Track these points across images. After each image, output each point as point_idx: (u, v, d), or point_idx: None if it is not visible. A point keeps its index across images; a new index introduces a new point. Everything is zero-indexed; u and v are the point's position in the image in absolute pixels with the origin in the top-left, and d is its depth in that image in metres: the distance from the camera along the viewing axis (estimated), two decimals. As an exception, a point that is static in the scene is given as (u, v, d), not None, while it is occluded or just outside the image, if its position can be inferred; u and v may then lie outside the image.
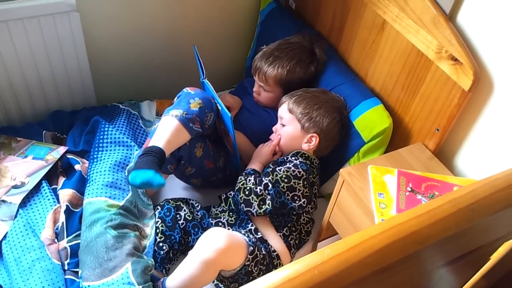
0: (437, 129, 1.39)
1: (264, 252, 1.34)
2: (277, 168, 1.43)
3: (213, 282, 1.38)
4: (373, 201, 1.26)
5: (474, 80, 1.23)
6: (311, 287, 0.55)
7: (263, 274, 1.29)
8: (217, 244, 1.19)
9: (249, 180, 1.41)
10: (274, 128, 1.60)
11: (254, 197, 1.39)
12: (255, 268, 1.29)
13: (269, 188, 1.38)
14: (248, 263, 1.26)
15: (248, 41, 2.13)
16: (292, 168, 1.42)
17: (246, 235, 1.37)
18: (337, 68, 1.69)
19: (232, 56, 2.18)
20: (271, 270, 1.36)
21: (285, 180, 1.40)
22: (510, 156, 1.26)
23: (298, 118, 1.52)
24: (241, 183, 1.43)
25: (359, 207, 1.33)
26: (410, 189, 1.29)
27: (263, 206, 1.38)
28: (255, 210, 1.39)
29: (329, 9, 1.75)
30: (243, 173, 1.48)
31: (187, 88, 1.50)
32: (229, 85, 2.11)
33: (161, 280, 1.28)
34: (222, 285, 1.35)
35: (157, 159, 1.32)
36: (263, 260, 1.32)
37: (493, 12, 1.21)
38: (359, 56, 1.66)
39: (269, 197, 1.38)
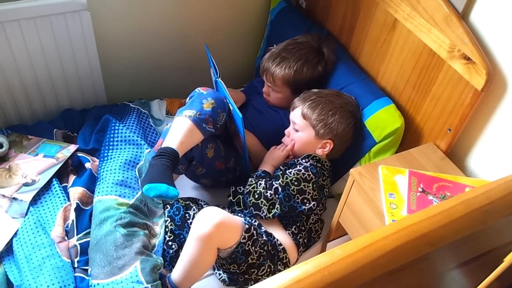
0: (449, 129, 1.37)
1: (265, 238, 1.34)
2: (287, 171, 1.43)
3: (215, 273, 1.39)
4: (383, 201, 1.25)
5: (487, 79, 1.21)
6: (321, 288, 0.55)
7: (263, 259, 1.31)
8: (211, 219, 1.21)
9: (260, 184, 1.41)
10: (286, 132, 1.59)
11: (264, 201, 1.39)
12: (253, 248, 1.28)
13: (279, 192, 1.38)
14: (244, 241, 1.26)
15: (258, 40, 2.12)
16: (302, 171, 1.42)
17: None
18: (348, 67, 1.68)
19: (242, 56, 2.17)
20: (276, 263, 1.37)
21: (295, 183, 1.39)
22: (524, 157, 1.25)
23: (313, 125, 1.50)
24: (252, 186, 1.42)
25: (369, 207, 1.31)
26: (421, 190, 1.27)
27: (272, 210, 1.38)
28: (264, 214, 1.39)
29: (340, 8, 1.74)
30: (254, 175, 1.47)
31: (199, 88, 1.50)
32: (239, 85, 2.10)
33: (167, 276, 1.29)
34: (222, 271, 1.36)
35: (170, 162, 1.33)
36: (263, 245, 1.32)
37: (507, 11, 1.19)
38: (370, 55, 1.64)
39: (278, 201, 1.38)
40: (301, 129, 1.53)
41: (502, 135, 1.29)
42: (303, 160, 1.48)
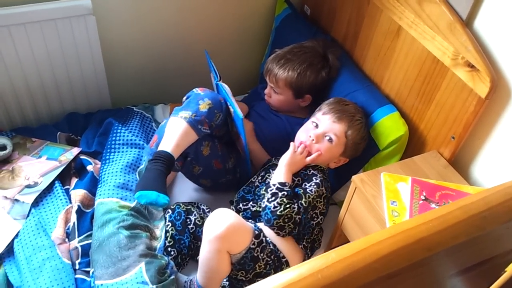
0: (453, 137, 1.36)
1: (272, 248, 1.33)
2: (307, 189, 1.37)
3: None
4: (385, 209, 1.24)
5: (491, 87, 1.21)
6: (314, 291, 0.54)
7: (269, 267, 1.29)
8: (223, 220, 1.20)
9: (293, 208, 1.31)
10: (314, 135, 1.44)
11: (292, 225, 1.32)
12: (261, 255, 1.28)
13: (301, 212, 1.33)
14: (254, 247, 1.26)
15: (263, 46, 2.13)
16: (319, 187, 1.38)
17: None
18: (352, 74, 1.67)
19: (247, 62, 2.18)
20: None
21: (316, 200, 1.37)
22: (528, 166, 1.23)
23: (347, 145, 1.46)
24: (286, 210, 1.30)
25: (371, 214, 1.30)
26: (424, 198, 1.26)
27: (294, 231, 1.34)
28: (284, 233, 1.33)
29: (344, 15, 1.74)
30: (284, 192, 1.33)
31: (196, 89, 1.51)
32: (243, 91, 2.10)
33: (194, 278, 1.32)
34: (226, 279, 1.34)
35: (164, 167, 1.35)
36: (270, 254, 1.31)
37: (511, 18, 1.18)
38: (374, 62, 1.64)
39: (301, 222, 1.34)
40: (335, 143, 1.44)
41: (506, 143, 1.28)
42: (315, 171, 1.43)
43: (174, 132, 1.40)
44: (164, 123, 1.47)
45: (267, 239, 1.34)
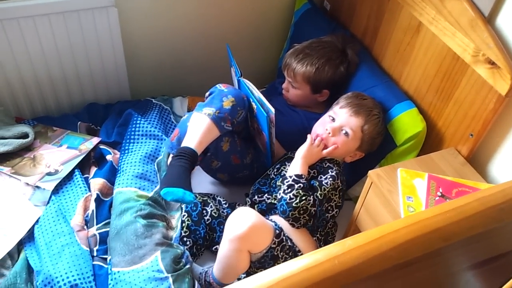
0: (471, 135, 1.35)
1: (290, 244, 1.34)
2: (323, 182, 1.39)
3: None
4: (401, 204, 1.24)
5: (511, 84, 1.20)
6: (330, 276, 0.55)
7: None
8: (245, 220, 1.21)
9: (309, 200, 1.33)
10: (331, 129, 1.45)
11: (307, 216, 1.34)
12: (281, 253, 1.29)
13: (316, 205, 1.35)
14: (274, 246, 1.26)
15: (281, 41, 2.13)
16: (334, 180, 1.39)
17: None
18: (371, 70, 1.67)
19: (265, 56, 2.18)
20: None
21: (332, 192, 1.38)
22: (547, 164, 1.22)
23: (364, 140, 1.46)
24: (302, 201, 1.32)
25: (387, 210, 1.30)
26: (440, 194, 1.26)
27: (308, 223, 1.36)
28: (298, 225, 1.35)
29: (364, 11, 1.74)
30: (300, 184, 1.35)
31: (220, 85, 1.50)
32: (261, 85, 2.10)
33: (210, 270, 1.33)
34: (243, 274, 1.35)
35: (189, 163, 1.35)
36: (288, 251, 1.32)
37: (534, 15, 1.17)
38: (393, 58, 1.63)
39: (316, 214, 1.35)
40: (351, 137, 1.45)
41: (525, 142, 1.27)
42: (330, 164, 1.44)
43: (197, 128, 1.40)
44: (186, 117, 1.48)
45: (285, 235, 1.35)
